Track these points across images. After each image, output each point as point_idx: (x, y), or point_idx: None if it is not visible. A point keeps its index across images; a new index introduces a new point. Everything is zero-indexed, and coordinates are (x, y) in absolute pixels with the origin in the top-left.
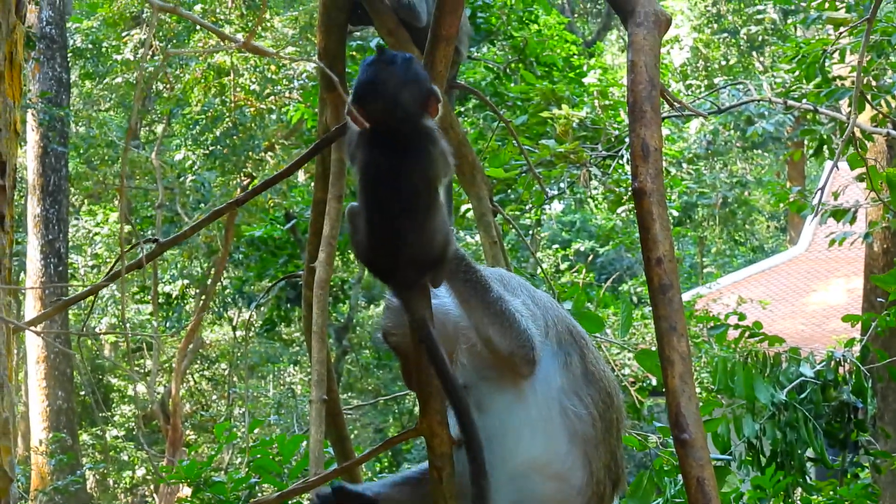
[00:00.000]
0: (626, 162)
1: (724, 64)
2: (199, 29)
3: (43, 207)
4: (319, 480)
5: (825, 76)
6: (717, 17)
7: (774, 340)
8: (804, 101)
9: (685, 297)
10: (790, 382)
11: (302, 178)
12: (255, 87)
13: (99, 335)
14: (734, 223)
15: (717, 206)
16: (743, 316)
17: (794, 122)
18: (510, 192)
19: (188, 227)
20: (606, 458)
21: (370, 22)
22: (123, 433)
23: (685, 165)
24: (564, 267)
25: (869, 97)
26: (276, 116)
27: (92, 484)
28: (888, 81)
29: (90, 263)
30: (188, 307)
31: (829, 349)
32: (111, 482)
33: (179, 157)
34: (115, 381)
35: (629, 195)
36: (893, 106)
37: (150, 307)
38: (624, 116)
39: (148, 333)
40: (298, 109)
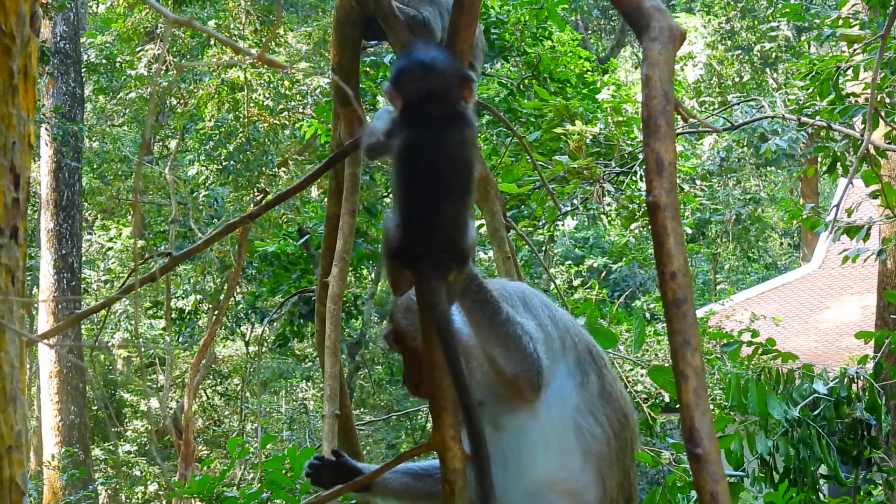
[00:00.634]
0: (639, 178)
1: (737, 81)
2: (212, 44)
3: (56, 222)
4: (331, 496)
5: (839, 93)
6: (730, 33)
7: (788, 357)
8: (818, 117)
9: (698, 313)
10: (803, 399)
11: (315, 193)
12: (268, 102)
13: (112, 349)
14: (747, 240)
15: (730, 222)
16: (756, 333)
17: (807, 138)
18: (523, 207)
19: (201, 241)
20: (620, 476)
21: (384, 37)
22: (136, 448)
23: (698, 182)
24: (577, 283)
25: (883, 114)
26: (289, 132)
27: (104, 499)
28: None
29: (103, 278)
30: (201, 322)
31: (842, 366)
32: (123, 497)
33: (193, 172)
34: (127, 395)
35: (642, 211)
36: None
37: (162, 322)
38: (637, 133)
39: (161, 348)
40: (312, 125)
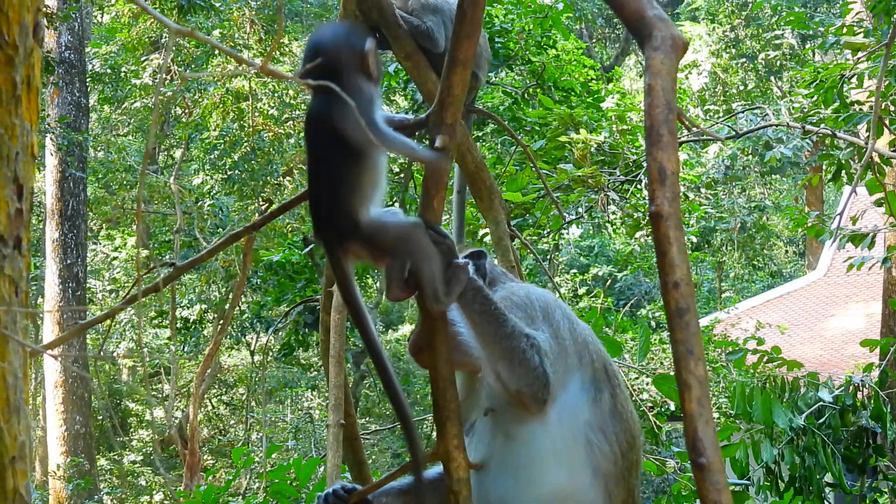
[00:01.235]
0: (644, 186)
1: (742, 89)
2: (217, 53)
3: (61, 232)
4: None
5: (843, 101)
6: (735, 42)
7: (793, 365)
8: (822, 125)
9: (703, 321)
10: (808, 407)
11: None
12: (273, 111)
13: (117, 358)
14: (752, 248)
15: (735, 230)
16: (762, 341)
17: (812, 147)
18: (528, 216)
19: (205, 251)
20: (625, 494)
21: (388, 47)
22: (141, 458)
23: (703, 190)
24: (582, 292)
25: (887, 122)
26: (294, 141)
27: None
28: None
29: (108, 288)
30: (206, 332)
31: (847, 374)
32: None
33: (197, 181)
34: (132, 405)
35: (647, 220)
36: None
37: (168, 331)
38: (642, 141)
39: (166, 357)
40: None
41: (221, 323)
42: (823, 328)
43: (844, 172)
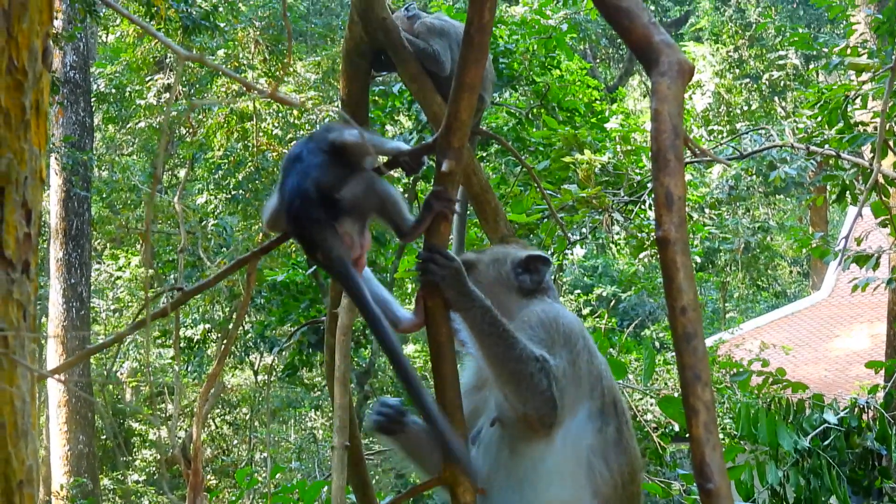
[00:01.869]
0: (648, 207)
1: (746, 109)
2: (222, 74)
3: (65, 251)
4: None
5: (847, 122)
6: (739, 62)
7: (798, 387)
8: (826, 146)
9: (708, 342)
10: (814, 429)
11: None
12: (277, 131)
13: (125, 375)
14: (756, 268)
15: (739, 251)
16: (766, 362)
17: (816, 167)
18: (532, 236)
19: (211, 272)
20: None
21: (393, 68)
22: (144, 478)
23: (707, 210)
24: (587, 312)
25: (892, 143)
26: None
27: None
28: None
29: (112, 307)
30: (210, 351)
31: (852, 395)
32: None
33: (202, 201)
34: (136, 425)
35: (651, 240)
36: None
37: (171, 351)
38: (646, 162)
39: (170, 377)
40: None
41: (225, 343)
42: (828, 349)
43: (849, 193)
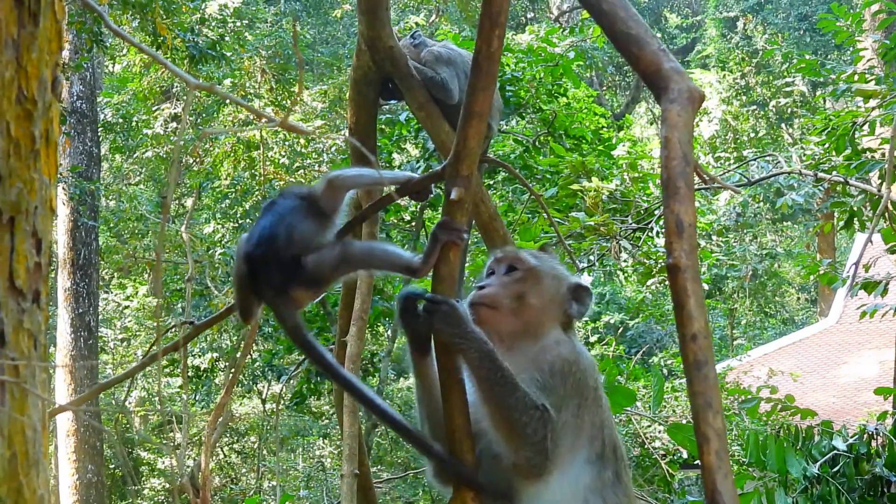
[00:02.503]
0: (656, 234)
1: (753, 136)
2: (228, 103)
3: (73, 281)
4: None
5: (855, 148)
6: (746, 89)
7: (807, 413)
8: (834, 173)
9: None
10: (822, 456)
11: None
12: (284, 160)
13: (133, 405)
14: (764, 295)
15: (747, 278)
16: (775, 389)
17: (824, 194)
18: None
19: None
20: None
21: (401, 97)
22: None
23: (715, 238)
24: (594, 339)
25: None
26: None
27: None
28: None
29: (120, 337)
30: (218, 380)
31: (861, 422)
32: None
33: (209, 230)
34: (144, 454)
35: (659, 267)
36: None
37: (179, 380)
38: (653, 189)
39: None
40: None
41: (233, 371)
42: (836, 375)
43: (856, 220)
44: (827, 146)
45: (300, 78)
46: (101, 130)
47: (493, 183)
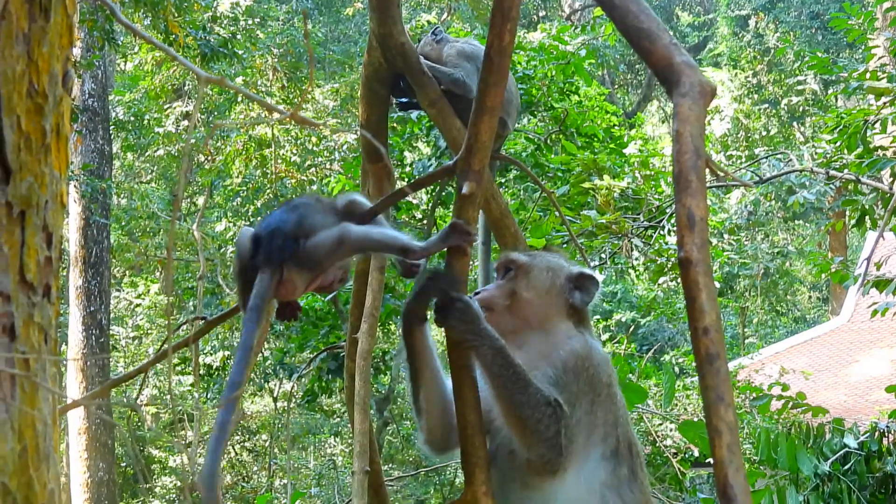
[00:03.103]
0: (667, 232)
1: (764, 134)
2: (240, 100)
3: (85, 279)
4: None
5: (867, 146)
6: (757, 87)
7: (818, 411)
8: (846, 171)
9: None
10: (834, 453)
11: None
12: (295, 158)
13: (143, 406)
14: (776, 294)
15: (758, 276)
16: (786, 387)
17: (835, 192)
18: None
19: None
20: None
21: (412, 95)
22: None
23: (726, 236)
24: (606, 337)
25: None
26: (316, 188)
27: None
28: None
29: (131, 335)
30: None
31: (872, 420)
32: None
33: (220, 228)
34: (156, 452)
35: (671, 265)
36: None
37: (191, 378)
38: (665, 187)
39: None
40: (339, 181)
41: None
42: (847, 374)
43: (868, 218)
44: (839, 144)
45: (311, 71)
46: (112, 128)
47: (504, 181)
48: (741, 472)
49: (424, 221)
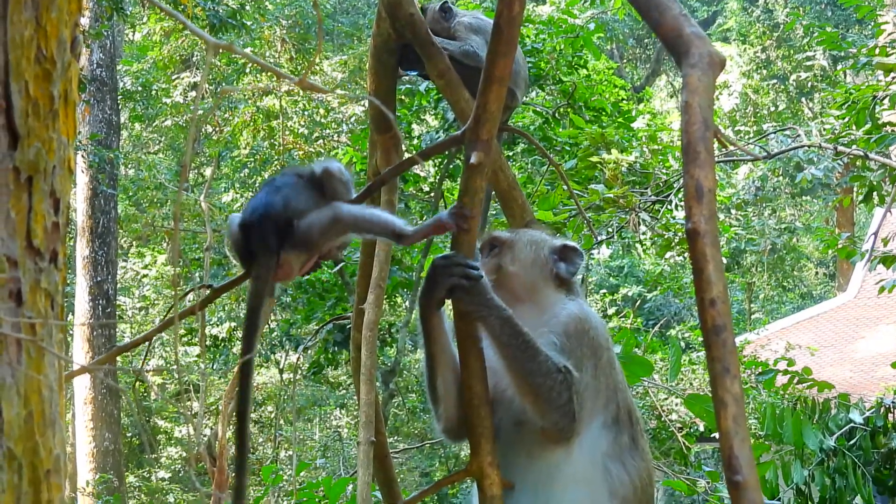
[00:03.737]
0: (674, 207)
1: (773, 110)
2: (248, 71)
3: (92, 249)
4: None
5: (875, 122)
6: (766, 63)
7: (824, 386)
8: (854, 147)
9: None
10: (839, 429)
11: None
12: (303, 130)
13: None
14: (782, 269)
15: (765, 252)
16: (792, 362)
17: (843, 168)
18: (559, 235)
19: (237, 271)
20: None
21: (421, 66)
22: (170, 475)
23: (734, 211)
24: (612, 312)
25: None
26: (324, 159)
27: None
28: None
29: (138, 305)
30: (235, 349)
31: (878, 396)
32: None
33: (228, 199)
34: (161, 423)
35: (678, 240)
36: None
37: (197, 349)
38: (672, 162)
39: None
40: (347, 153)
41: None
42: (854, 350)
43: (876, 194)
44: (847, 120)
45: (319, 42)
46: (120, 98)
47: (512, 154)
48: (747, 443)
49: (431, 194)
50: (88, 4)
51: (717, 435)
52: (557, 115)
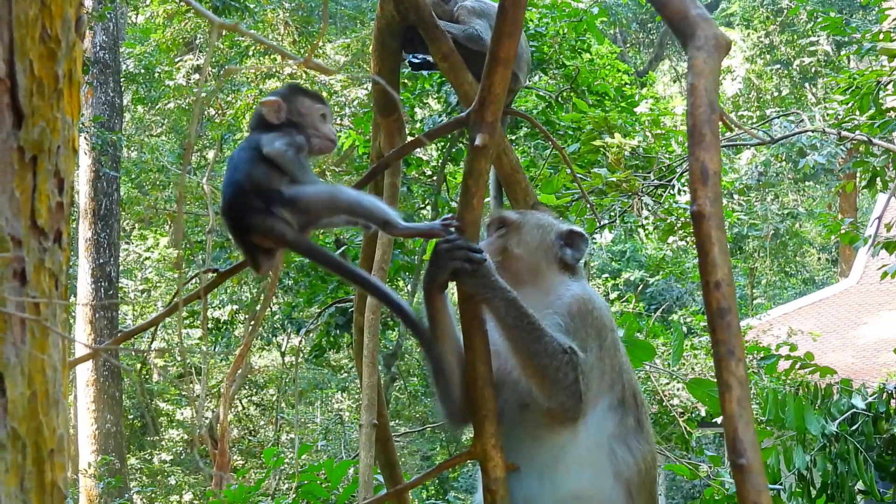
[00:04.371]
0: (677, 191)
1: (776, 95)
2: (251, 53)
3: (94, 231)
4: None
5: (879, 107)
6: (769, 48)
7: (826, 372)
8: (857, 132)
9: None
10: (841, 414)
11: None
12: None
13: (152, 355)
14: (785, 255)
15: (767, 237)
16: (794, 347)
17: (846, 153)
18: (561, 219)
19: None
20: (647, 499)
21: (424, 49)
22: (171, 458)
23: (736, 196)
24: (614, 296)
25: None
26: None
27: None
28: None
29: (140, 288)
30: (237, 332)
31: (880, 381)
32: None
33: None
34: (163, 405)
35: (680, 225)
36: None
37: (199, 331)
38: (675, 146)
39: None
40: (350, 136)
41: (252, 324)
42: (855, 336)
43: (879, 179)
44: (850, 105)
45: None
46: (123, 81)
47: (515, 138)
48: (751, 426)
49: (434, 178)
50: None
51: (718, 420)
52: (560, 99)
